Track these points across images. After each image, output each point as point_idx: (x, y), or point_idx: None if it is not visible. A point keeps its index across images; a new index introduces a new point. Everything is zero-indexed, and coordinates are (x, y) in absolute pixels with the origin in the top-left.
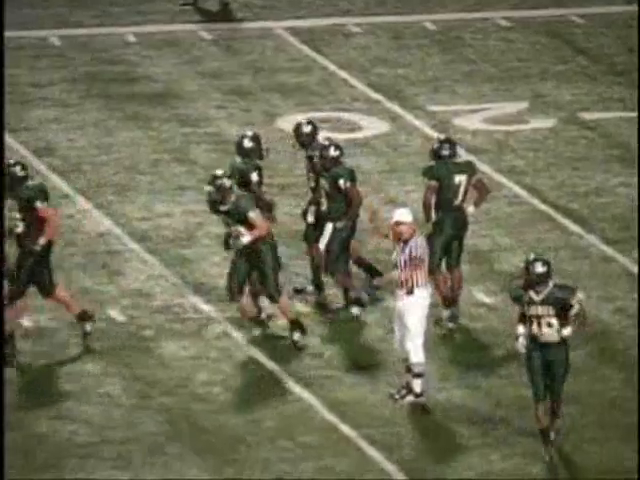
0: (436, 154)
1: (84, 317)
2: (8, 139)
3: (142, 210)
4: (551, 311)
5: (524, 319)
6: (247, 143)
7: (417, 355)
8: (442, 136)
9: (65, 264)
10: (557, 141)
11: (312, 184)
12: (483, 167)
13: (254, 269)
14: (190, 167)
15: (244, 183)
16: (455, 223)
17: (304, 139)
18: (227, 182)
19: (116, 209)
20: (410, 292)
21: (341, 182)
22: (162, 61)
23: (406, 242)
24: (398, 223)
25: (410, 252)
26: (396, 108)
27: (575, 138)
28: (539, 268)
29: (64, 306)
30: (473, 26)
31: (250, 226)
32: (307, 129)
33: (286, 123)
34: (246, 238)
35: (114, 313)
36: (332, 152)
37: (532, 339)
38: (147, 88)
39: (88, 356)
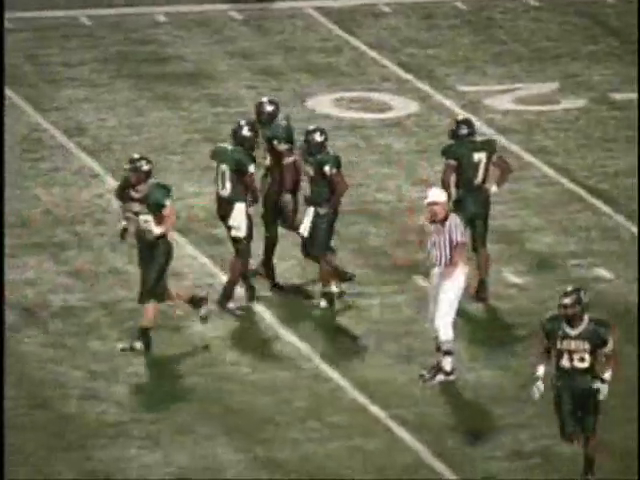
0: (454, 134)
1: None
2: (39, 119)
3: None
4: (586, 346)
5: (547, 356)
6: (245, 132)
7: (446, 333)
8: (459, 116)
9: (95, 244)
10: (587, 121)
11: (268, 163)
12: (513, 147)
13: (143, 261)
14: None
15: (239, 172)
16: (476, 202)
17: (264, 117)
18: (146, 166)
19: None
20: (446, 272)
21: (326, 168)
22: (192, 41)
23: (442, 222)
24: (433, 203)
25: (449, 233)
26: (426, 88)
27: (605, 118)
28: (571, 301)
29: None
30: (503, 6)
31: (158, 218)
32: (269, 108)
33: (316, 103)
34: (158, 229)
35: None
36: (318, 137)
37: (560, 373)
38: (178, 68)
39: (118, 336)
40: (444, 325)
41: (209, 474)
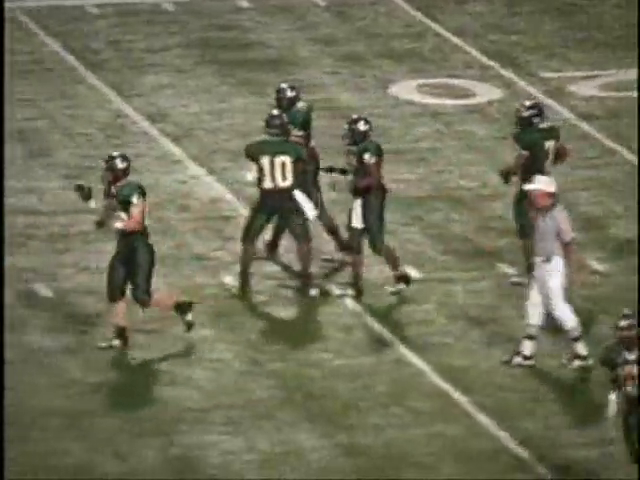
0: (526, 121)
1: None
2: (122, 105)
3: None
4: None
5: (616, 384)
6: (278, 120)
7: (570, 320)
8: (528, 102)
9: (178, 230)
10: None
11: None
12: (596, 134)
13: (128, 267)
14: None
15: (299, 161)
16: None
17: (285, 103)
18: (121, 164)
19: (229, 175)
20: (548, 260)
21: (366, 156)
22: (275, 27)
23: (547, 211)
24: (538, 191)
25: (555, 222)
26: (509, 74)
27: None
28: (628, 324)
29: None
30: None
31: (129, 215)
32: (290, 94)
33: (399, 90)
34: (119, 224)
35: (227, 279)
36: (361, 126)
37: (626, 399)
38: (260, 54)
39: (201, 321)
40: (564, 313)
41: (291, 460)
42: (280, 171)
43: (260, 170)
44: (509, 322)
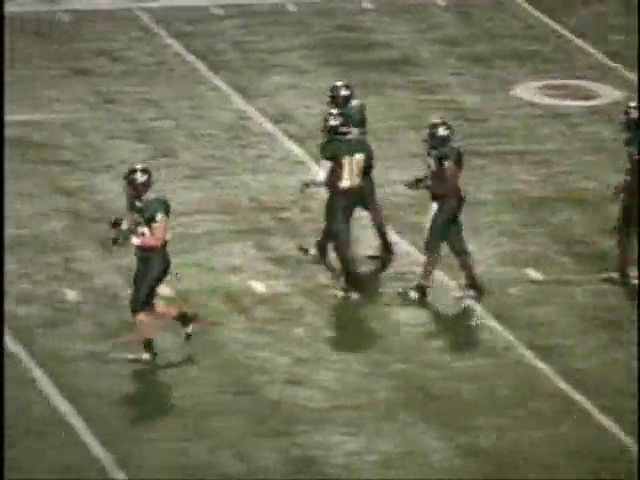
0: (635, 122)
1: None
2: (246, 106)
3: (376, 177)
4: None
5: None
6: (344, 119)
7: None
8: (633, 102)
9: (300, 231)
10: None
11: None
12: None
13: (138, 273)
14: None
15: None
16: None
17: (339, 101)
18: (140, 177)
19: None
20: None
21: (445, 163)
22: (398, 28)
23: None
24: None
25: None
26: (632, 76)
27: None
28: None
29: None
30: None
31: (152, 231)
32: (344, 92)
33: (522, 91)
34: (135, 240)
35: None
36: (441, 131)
37: None
38: (383, 55)
39: (322, 323)
40: None
41: (412, 461)
42: (357, 170)
43: (340, 169)
44: (632, 325)
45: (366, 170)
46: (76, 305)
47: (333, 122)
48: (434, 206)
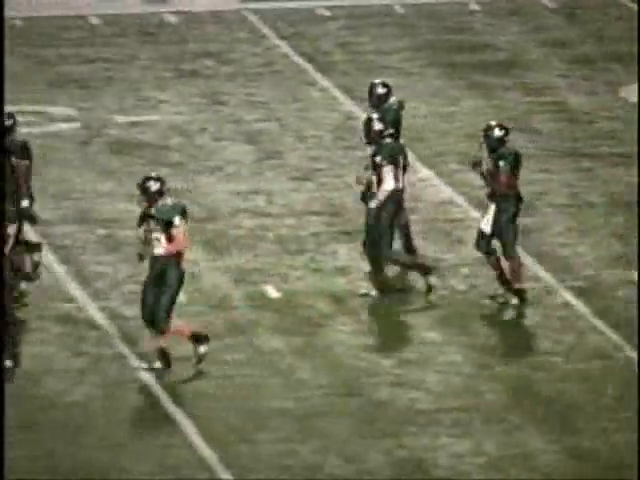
0: None
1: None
2: (353, 107)
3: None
4: None
5: None
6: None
7: None
8: None
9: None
10: None
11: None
12: None
13: (151, 286)
14: (532, 136)
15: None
16: None
17: (375, 100)
18: (153, 186)
19: (458, 178)
20: None
21: (501, 163)
22: (505, 29)
23: None
24: None
25: None
26: None
27: None
28: None
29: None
30: None
31: (170, 238)
32: (381, 90)
33: (629, 92)
34: (159, 249)
35: (455, 281)
36: (497, 132)
37: None
38: (491, 56)
39: (429, 324)
40: None
41: (518, 463)
42: (401, 172)
43: (396, 172)
44: None
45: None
46: (183, 306)
47: (378, 126)
48: (492, 207)
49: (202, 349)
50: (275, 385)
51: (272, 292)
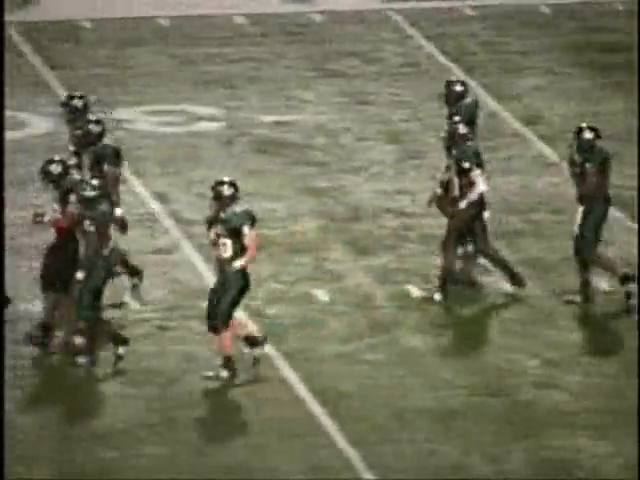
0: None
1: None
2: (497, 107)
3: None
4: None
5: None
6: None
7: None
8: None
9: (551, 232)
10: None
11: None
12: None
13: (216, 289)
14: None
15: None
16: None
17: (452, 98)
18: (227, 191)
19: None
20: None
21: (588, 166)
22: None
23: None
24: None
25: None
26: None
27: None
28: None
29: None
30: None
31: (238, 246)
32: (458, 88)
33: None
34: (239, 263)
35: (601, 281)
36: (587, 134)
37: None
38: (634, 57)
39: (571, 326)
40: None
41: None
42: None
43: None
44: None
45: None
46: (327, 305)
47: (463, 130)
48: (580, 209)
49: (256, 352)
50: (418, 385)
51: (415, 291)
